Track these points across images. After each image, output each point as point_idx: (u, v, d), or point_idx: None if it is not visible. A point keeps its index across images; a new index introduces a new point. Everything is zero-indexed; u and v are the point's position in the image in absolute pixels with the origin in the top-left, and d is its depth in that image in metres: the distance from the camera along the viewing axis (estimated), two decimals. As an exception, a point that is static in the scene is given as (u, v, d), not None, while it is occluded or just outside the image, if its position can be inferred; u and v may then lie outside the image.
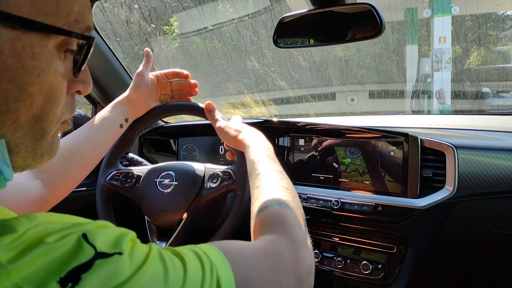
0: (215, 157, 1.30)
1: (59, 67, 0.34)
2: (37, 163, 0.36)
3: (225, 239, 0.82)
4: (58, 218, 0.32)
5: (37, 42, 0.31)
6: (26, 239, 0.27)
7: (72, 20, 0.34)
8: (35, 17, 0.31)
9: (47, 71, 0.33)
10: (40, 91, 0.32)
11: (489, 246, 0.99)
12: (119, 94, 1.25)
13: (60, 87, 0.35)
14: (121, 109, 0.84)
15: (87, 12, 0.36)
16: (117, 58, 1.23)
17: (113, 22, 6.18)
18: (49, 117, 0.35)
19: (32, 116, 0.33)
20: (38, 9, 0.31)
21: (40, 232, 0.29)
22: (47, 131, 0.35)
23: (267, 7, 7.45)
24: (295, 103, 7.42)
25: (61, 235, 0.29)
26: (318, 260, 1.10)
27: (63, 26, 0.33)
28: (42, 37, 0.32)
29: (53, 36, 0.32)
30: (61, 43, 0.34)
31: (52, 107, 0.34)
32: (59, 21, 0.33)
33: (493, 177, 0.91)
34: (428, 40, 7.50)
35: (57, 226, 0.30)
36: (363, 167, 1.05)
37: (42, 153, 0.36)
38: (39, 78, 0.32)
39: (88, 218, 0.33)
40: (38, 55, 0.31)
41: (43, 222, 0.30)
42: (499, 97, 6.58)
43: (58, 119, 0.36)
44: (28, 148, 0.34)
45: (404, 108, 6.99)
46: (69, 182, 0.73)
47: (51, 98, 0.34)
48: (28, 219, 0.29)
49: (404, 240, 1.00)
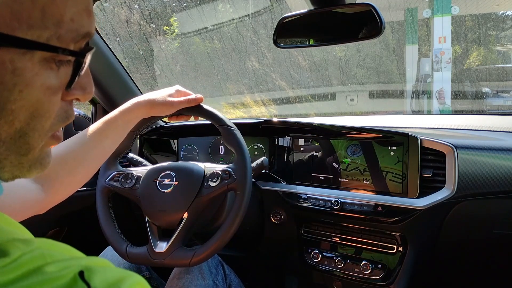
0: (215, 157, 1.30)
1: (48, 80, 0.30)
2: (25, 175, 0.34)
3: (226, 238, 0.83)
4: (57, 247, 0.30)
5: (19, 56, 0.27)
6: (21, 264, 0.25)
7: (64, 30, 0.29)
8: (16, 30, 0.27)
9: (32, 86, 0.29)
10: (24, 107, 0.29)
11: (489, 246, 0.99)
12: (119, 94, 1.26)
13: (49, 101, 0.31)
14: (131, 117, 0.80)
15: (84, 18, 0.31)
16: (117, 58, 1.23)
17: (113, 22, 6.18)
18: (36, 132, 0.31)
19: (15, 132, 0.30)
20: (20, 20, 0.27)
21: (38, 258, 0.26)
22: (33, 146, 0.32)
23: (267, 7, 7.45)
24: (295, 103, 7.42)
25: (60, 267, 0.26)
26: (318, 260, 1.10)
27: (51, 38, 0.29)
28: (26, 51, 0.28)
29: (38, 51, 0.29)
30: (49, 56, 0.30)
31: (39, 122, 0.31)
32: (46, 33, 0.28)
33: (493, 177, 0.91)
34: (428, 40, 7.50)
35: (57, 255, 0.27)
36: (364, 165, 1.05)
37: (30, 167, 0.33)
38: (22, 95, 0.28)
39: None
40: (21, 70, 0.28)
41: (40, 247, 0.28)
42: (499, 97, 6.57)
43: (47, 132, 0.33)
44: (13, 163, 0.32)
45: (404, 108, 6.99)
46: (70, 188, 0.71)
47: (38, 113, 0.30)
48: (25, 243, 0.27)
49: (404, 240, 1.00)
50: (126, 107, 0.79)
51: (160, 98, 0.81)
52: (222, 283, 0.97)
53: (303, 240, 1.13)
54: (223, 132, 0.88)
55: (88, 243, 1.07)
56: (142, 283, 0.30)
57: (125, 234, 0.91)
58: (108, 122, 0.75)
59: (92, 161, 0.73)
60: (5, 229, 0.30)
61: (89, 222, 1.10)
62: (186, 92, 0.87)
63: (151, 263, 0.85)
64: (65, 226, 1.24)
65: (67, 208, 1.19)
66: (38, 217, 0.66)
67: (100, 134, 0.74)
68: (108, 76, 1.22)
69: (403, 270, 0.99)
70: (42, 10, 0.28)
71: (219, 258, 1.05)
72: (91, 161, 0.73)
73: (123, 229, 0.91)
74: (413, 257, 0.99)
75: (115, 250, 0.88)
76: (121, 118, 0.77)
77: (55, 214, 1.16)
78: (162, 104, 0.81)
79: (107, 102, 1.26)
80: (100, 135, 0.74)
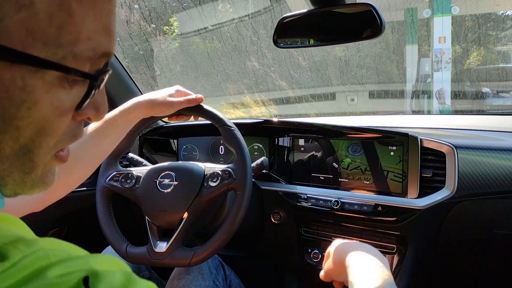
0: (215, 157, 1.30)
1: (59, 99, 0.29)
2: (27, 193, 0.33)
3: (226, 238, 0.83)
4: (62, 246, 0.29)
5: (30, 74, 0.27)
6: (22, 267, 0.24)
7: (80, 49, 0.28)
8: (30, 47, 0.26)
9: (41, 104, 0.28)
10: (31, 124, 0.28)
11: (489, 246, 0.99)
12: (119, 94, 1.26)
13: (58, 120, 0.30)
14: (131, 117, 0.80)
15: (102, 37, 0.30)
16: (117, 58, 1.23)
17: (113, 22, 6.17)
18: (41, 149, 0.30)
19: (19, 148, 0.29)
20: (35, 37, 0.26)
21: (41, 259, 0.25)
22: (37, 164, 0.31)
23: (267, 7, 7.45)
24: (295, 103, 7.42)
25: (63, 271, 0.25)
26: (318, 260, 1.10)
27: (66, 57, 0.28)
28: (38, 69, 0.27)
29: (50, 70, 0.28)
30: (62, 75, 0.28)
31: (45, 140, 0.30)
32: (61, 51, 0.27)
33: (493, 177, 0.91)
34: (428, 40, 7.50)
35: (61, 254, 0.26)
36: (365, 165, 1.05)
37: (32, 186, 0.32)
38: (30, 112, 0.27)
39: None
40: (31, 87, 0.27)
41: (44, 248, 0.26)
42: (499, 97, 6.58)
43: (51, 149, 0.32)
44: (16, 180, 0.31)
45: (404, 108, 6.99)
46: (68, 186, 0.71)
47: (45, 131, 0.29)
48: (27, 245, 0.26)
49: (404, 240, 1.00)
50: (126, 107, 0.78)
51: (160, 98, 0.81)
52: (222, 284, 0.97)
53: (303, 240, 1.13)
54: (223, 132, 0.88)
55: (88, 243, 1.07)
56: (151, 287, 0.29)
57: (125, 234, 0.91)
58: (108, 122, 0.75)
59: (90, 160, 0.73)
60: (6, 230, 0.29)
61: (89, 222, 1.10)
62: (186, 92, 0.87)
63: (151, 263, 0.85)
64: (65, 226, 1.24)
65: (67, 208, 1.19)
66: (38, 217, 0.66)
67: (99, 133, 0.73)
68: (108, 76, 1.22)
69: (403, 270, 0.99)
70: (59, 27, 0.27)
71: (219, 258, 1.05)
72: (90, 160, 0.73)
73: (123, 229, 0.91)
74: (413, 257, 0.99)
75: (115, 250, 0.88)
76: (121, 117, 0.77)
77: (55, 214, 1.17)
78: (162, 104, 0.81)
79: (107, 101, 1.26)
80: (100, 134, 0.73)
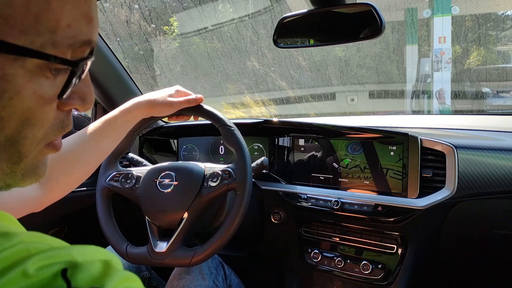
0: (215, 157, 1.30)
1: (41, 88, 0.29)
2: (19, 184, 0.32)
3: (226, 238, 0.83)
4: (45, 239, 0.28)
5: (10, 62, 0.26)
6: (1, 260, 0.24)
7: (59, 37, 0.28)
8: (6, 35, 0.26)
9: (23, 93, 0.28)
10: (14, 114, 0.28)
11: (489, 246, 0.99)
12: (119, 94, 1.26)
13: (42, 110, 0.30)
14: (131, 117, 0.80)
15: (83, 25, 0.29)
16: (117, 58, 1.23)
17: (113, 22, 6.18)
18: (27, 140, 0.30)
19: (5, 139, 0.29)
20: (12, 25, 0.26)
21: (21, 252, 0.25)
22: (25, 154, 0.31)
23: (267, 7, 7.45)
24: (295, 103, 7.42)
25: (43, 263, 0.25)
26: (318, 260, 1.10)
27: (46, 45, 0.27)
28: (17, 58, 0.26)
29: (29, 58, 0.27)
30: (44, 64, 0.28)
31: (30, 130, 0.30)
32: (40, 39, 0.27)
33: (493, 177, 0.91)
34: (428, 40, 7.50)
35: (42, 247, 0.26)
36: (364, 163, 1.05)
37: (23, 176, 0.32)
38: (12, 102, 0.27)
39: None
40: (12, 77, 0.27)
41: (25, 241, 0.26)
42: (499, 97, 6.57)
43: (40, 141, 0.31)
44: (5, 171, 0.30)
45: (404, 108, 6.99)
46: (68, 186, 0.71)
47: (29, 122, 0.29)
48: (7, 238, 0.26)
49: (404, 240, 1.00)
50: (126, 107, 0.78)
51: (160, 98, 0.81)
52: (222, 284, 0.97)
53: (303, 240, 1.13)
54: (223, 132, 0.88)
55: (88, 243, 1.07)
56: (131, 277, 0.29)
57: (125, 234, 0.91)
58: (108, 122, 0.75)
59: (90, 160, 0.73)
60: None
61: (89, 222, 1.10)
62: (186, 92, 0.87)
63: (151, 263, 0.85)
64: (65, 226, 1.24)
65: (67, 208, 1.19)
66: (39, 217, 0.66)
67: (99, 133, 0.73)
68: (108, 76, 1.22)
69: (403, 270, 0.99)
70: (36, 15, 0.26)
71: (219, 258, 1.05)
72: (90, 160, 0.73)
73: (123, 229, 0.91)
74: (413, 257, 0.99)
75: (115, 250, 0.88)
76: (121, 117, 0.77)
77: (55, 214, 1.17)
78: (162, 104, 0.81)
79: (107, 102, 1.26)
80: (100, 134, 0.73)
